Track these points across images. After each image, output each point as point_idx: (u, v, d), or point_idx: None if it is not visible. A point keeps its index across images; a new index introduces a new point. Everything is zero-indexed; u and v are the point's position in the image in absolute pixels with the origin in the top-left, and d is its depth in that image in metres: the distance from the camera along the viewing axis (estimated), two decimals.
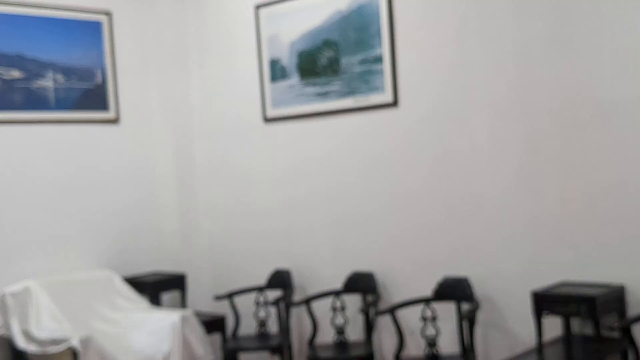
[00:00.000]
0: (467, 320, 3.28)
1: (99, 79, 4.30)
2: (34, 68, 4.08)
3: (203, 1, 4.51)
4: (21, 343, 3.67)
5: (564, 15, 3.10)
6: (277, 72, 4.11)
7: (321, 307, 3.89)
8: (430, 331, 3.43)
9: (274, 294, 4.13)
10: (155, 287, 4.22)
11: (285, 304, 3.92)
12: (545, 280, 3.16)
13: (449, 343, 3.47)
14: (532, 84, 3.20)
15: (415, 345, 3.60)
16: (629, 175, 2.99)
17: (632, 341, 2.89)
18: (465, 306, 3.37)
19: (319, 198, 4.01)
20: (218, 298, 4.15)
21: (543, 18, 3.16)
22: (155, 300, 4.19)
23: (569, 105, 3.11)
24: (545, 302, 2.98)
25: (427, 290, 3.48)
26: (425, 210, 3.57)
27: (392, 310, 3.41)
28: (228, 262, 4.50)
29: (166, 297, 4.42)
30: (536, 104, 3.20)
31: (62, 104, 4.19)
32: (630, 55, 2.96)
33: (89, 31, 4.27)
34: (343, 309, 3.81)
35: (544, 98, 3.18)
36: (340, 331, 3.78)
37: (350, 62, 3.79)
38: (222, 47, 4.42)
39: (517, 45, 3.23)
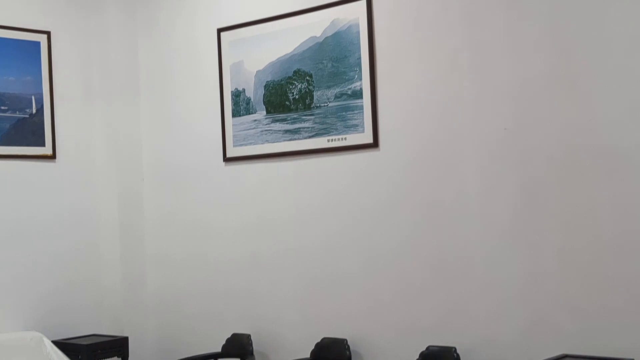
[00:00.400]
0: None
1: (33, 107, 4.24)
2: None
3: (157, 22, 4.53)
4: None
5: (567, 53, 3.13)
6: (241, 104, 4.10)
7: None
8: None
9: None
10: (92, 353, 4.09)
11: None
12: (544, 352, 3.12)
13: None
14: (529, 127, 3.22)
15: None
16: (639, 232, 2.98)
17: None
18: None
19: (285, 252, 3.96)
20: None
21: (543, 55, 3.19)
22: None
23: (570, 152, 3.12)
24: None
25: None
26: (407, 268, 3.54)
27: None
28: (177, 325, 4.41)
29: None
30: (534, 149, 3.20)
31: None
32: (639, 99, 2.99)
33: (24, 53, 4.22)
34: None
35: (543, 143, 3.18)
36: None
37: (324, 95, 3.79)
38: (177, 75, 4.42)
39: (513, 85, 3.25)
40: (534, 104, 3.20)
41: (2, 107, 4.15)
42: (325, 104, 3.79)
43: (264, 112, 4.01)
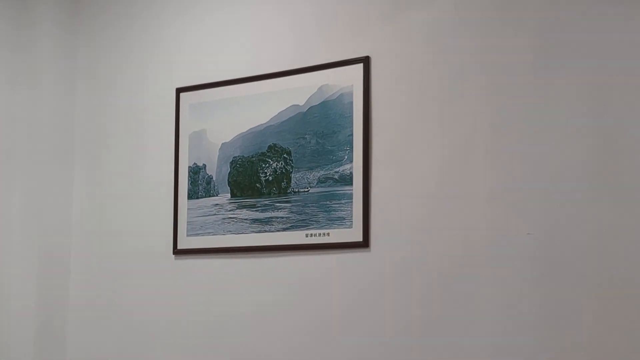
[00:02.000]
0: None
1: None
2: None
3: (99, 77, 4.45)
4: None
5: (610, 141, 3.11)
6: (199, 184, 4.01)
7: None
8: None
9: None
10: None
11: None
12: None
13: None
14: (558, 234, 3.16)
15: None
16: None
17: None
18: None
19: None
20: None
21: (580, 143, 3.15)
22: None
23: (611, 272, 3.03)
24: None
25: None
26: None
27: None
28: None
29: None
30: (564, 263, 3.13)
31: None
32: None
33: None
34: None
35: (575, 256, 3.12)
36: None
37: (305, 179, 3.72)
38: (122, 143, 4.31)
39: (541, 178, 3.22)
40: (566, 204, 3.14)
41: None
42: (306, 190, 3.72)
43: (229, 195, 3.94)
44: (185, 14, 4.21)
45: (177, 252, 4.06)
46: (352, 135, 3.60)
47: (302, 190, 3.75)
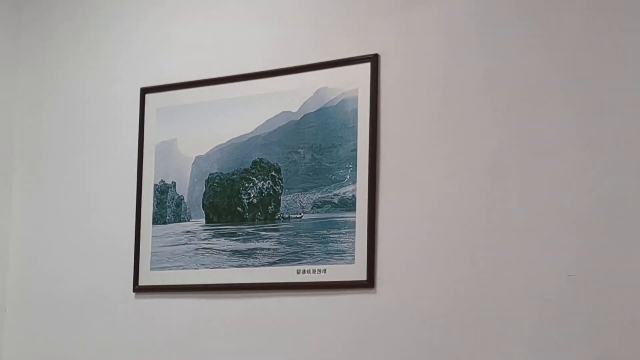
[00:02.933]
0: None
1: None
2: None
3: (45, 76, 4.43)
4: None
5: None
6: (167, 206, 3.98)
7: None
8: None
9: None
10: None
11: None
12: None
13: None
14: (605, 274, 3.17)
15: None
16: None
17: None
18: None
19: None
20: None
21: (628, 168, 3.18)
22: None
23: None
24: None
25: None
26: None
27: None
28: None
29: None
30: (612, 309, 3.14)
31: None
32: None
33: None
34: None
35: (626, 300, 3.11)
36: None
37: (297, 202, 3.68)
38: (72, 155, 4.28)
39: (583, 207, 3.24)
40: (615, 239, 3.10)
41: None
42: (298, 216, 3.68)
43: (203, 221, 3.89)
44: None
45: (138, 289, 4.01)
46: (356, 150, 3.59)
47: (293, 216, 3.73)
